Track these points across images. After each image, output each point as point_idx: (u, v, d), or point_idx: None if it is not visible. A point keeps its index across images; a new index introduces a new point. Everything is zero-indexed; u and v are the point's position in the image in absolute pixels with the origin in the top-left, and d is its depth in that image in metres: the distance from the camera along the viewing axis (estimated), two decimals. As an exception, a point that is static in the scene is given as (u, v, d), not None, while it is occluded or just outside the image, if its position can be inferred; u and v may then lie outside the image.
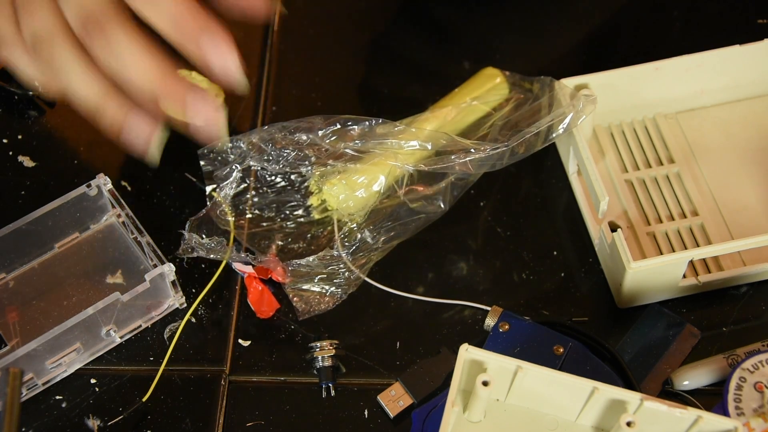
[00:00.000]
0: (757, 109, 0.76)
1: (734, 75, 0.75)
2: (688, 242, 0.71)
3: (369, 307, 0.71)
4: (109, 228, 0.73)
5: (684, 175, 0.74)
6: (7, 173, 0.76)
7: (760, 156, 0.74)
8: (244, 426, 0.66)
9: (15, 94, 0.78)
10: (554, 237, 0.73)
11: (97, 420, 0.66)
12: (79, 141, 0.78)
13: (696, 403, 0.66)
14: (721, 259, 0.70)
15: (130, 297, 0.66)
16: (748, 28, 0.81)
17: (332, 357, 0.67)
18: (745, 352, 0.67)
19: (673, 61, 0.73)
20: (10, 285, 0.70)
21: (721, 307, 0.70)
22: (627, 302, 0.69)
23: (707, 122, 0.76)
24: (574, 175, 0.75)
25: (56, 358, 0.66)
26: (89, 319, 0.65)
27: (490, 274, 0.72)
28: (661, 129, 0.76)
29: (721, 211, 0.72)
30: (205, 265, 0.72)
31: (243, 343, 0.69)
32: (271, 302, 0.70)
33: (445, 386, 0.66)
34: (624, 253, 0.66)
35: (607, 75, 0.72)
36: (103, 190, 0.71)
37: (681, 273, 0.67)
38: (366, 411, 0.67)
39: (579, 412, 0.59)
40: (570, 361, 0.64)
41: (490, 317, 0.67)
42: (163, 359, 0.68)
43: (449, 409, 0.56)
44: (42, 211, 0.69)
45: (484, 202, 0.74)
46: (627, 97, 0.74)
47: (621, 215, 0.72)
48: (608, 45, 0.81)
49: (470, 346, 0.58)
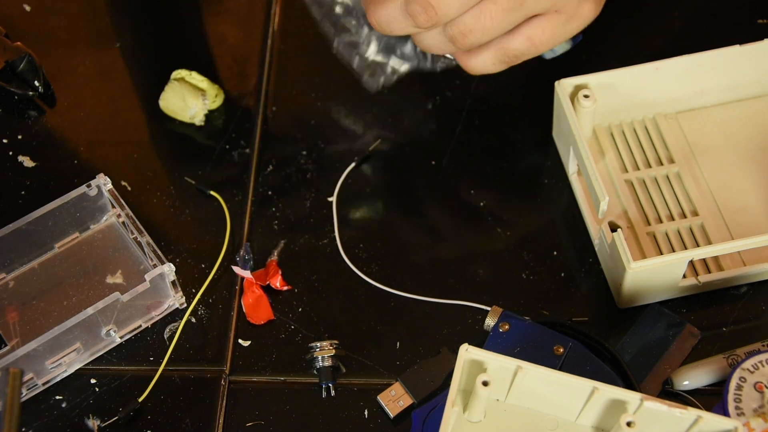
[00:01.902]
0: (758, 109, 0.76)
1: (734, 75, 0.75)
2: (688, 242, 0.71)
3: (369, 307, 0.71)
4: (109, 228, 0.73)
5: (684, 175, 0.74)
6: (7, 173, 0.76)
7: (760, 156, 0.74)
8: (244, 426, 0.66)
9: (15, 94, 0.78)
10: (554, 237, 0.73)
11: (97, 420, 0.66)
12: (79, 141, 0.78)
13: (696, 403, 0.66)
14: (721, 259, 0.70)
15: (130, 297, 0.66)
16: (748, 28, 0.81)
17: (332, 357, 0.67)
18: (745, 352, 0.67)
19: (673, 61, 0.73)
20: (10, 285, 0.70)
21: (721, 307, 0.70)
22: (627, 302, 0.69)
23: (707, 122, 0.76)
24: (574, 175, 0.75)
25: (56, 358, 0.66)
26: (89, 319, 0.65)
27: (490, 274, 0.72)
28: (661, 129, 0.76)
29: (721, 211, 0.72)
30: (205, 265, 0.72)
31: (243, 343, 0.69)
32: (266, 311, 0.70)
33: (445, 386, 0.66)
34: (624, 253, 0.66)
35: (607, 75, 0.72)
36: (103, 190, 0.71)
37: (681, 273, 0.67)
38: (366, 411, 0.67)
39: (579, 412, 0.59)
40: (570, 361, 0.64)
41: (490, 317, 0.67)
42: (163, 359, 0.68)
43: (449, 409, 0.56)
44: (42, 211, 0.69)
45: (484, 202, 0.74)
46: (627, 97, 0.74)
47: (621, 215, 0.72)
48: (608, 45, 0.81)
49: (470, 346, 0.58)
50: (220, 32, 0.83)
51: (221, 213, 0.74)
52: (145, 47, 0.83)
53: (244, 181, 0.75)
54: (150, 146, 0.78)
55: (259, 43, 0.82)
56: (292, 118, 0.79)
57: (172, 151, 0.77)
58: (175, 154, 0.77)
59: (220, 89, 0.78)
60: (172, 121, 0.78)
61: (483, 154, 0.77)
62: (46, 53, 0.80)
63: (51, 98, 0.79)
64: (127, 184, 0.75)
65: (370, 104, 0.79)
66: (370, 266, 0.72)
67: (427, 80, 0.80)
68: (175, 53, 0.82)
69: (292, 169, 0.76)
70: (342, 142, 0.77)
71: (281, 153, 0.77)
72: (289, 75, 0.80)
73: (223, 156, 0.76)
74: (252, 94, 0.79)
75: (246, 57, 0.81)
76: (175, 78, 0.77)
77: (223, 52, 0.81)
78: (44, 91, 0.78)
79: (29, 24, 0.83)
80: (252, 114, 0.78)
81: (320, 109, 0.79)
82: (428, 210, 0.74)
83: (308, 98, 0.79)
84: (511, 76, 0.78)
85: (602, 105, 0.73)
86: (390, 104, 0.79)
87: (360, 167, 0.76)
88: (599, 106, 0.72)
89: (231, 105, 0.79)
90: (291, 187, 0.75)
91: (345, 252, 0.73)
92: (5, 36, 0.79)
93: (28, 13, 0.83)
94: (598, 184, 0.68)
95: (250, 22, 0.83)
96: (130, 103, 0.79)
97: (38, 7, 0.84)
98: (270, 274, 0.71)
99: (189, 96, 0.76)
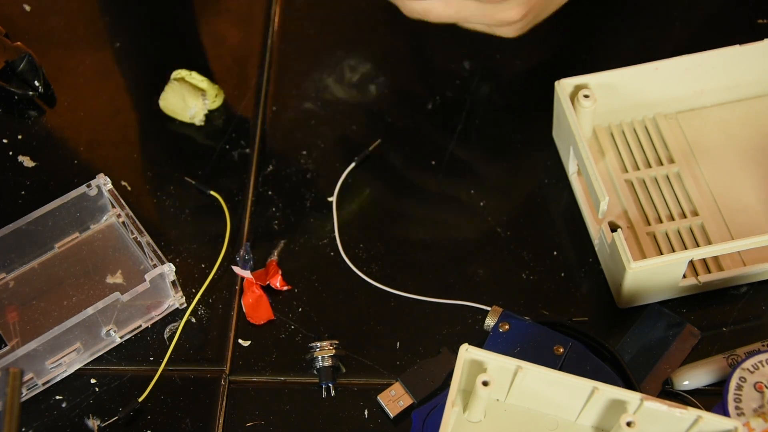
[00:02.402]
0: (758, 109, 0.76)
1: (734, 75, 0.75)
2: (688, 242, 0.71)
3: (369, 307, 0.71)
4: (109, 228, 0.73)
5: (684, 175, 0.74)
6: (7, 173, 0.76)
7: (760, 156, 0.74)
8: (244, 426, 0.66)
9: (15, 94, 0.78)
10: (554, 237, 0.73)
11: (97, 420, 0.66)
12: (79, 141, 0.78)
13: (696, 403, 0.66)
14: (721, 259, 0.70)
15: (130, 297, 0.66)
16: (748, 28, 0.81)
17: (332, 357, 0.67)
18: (745, 352, 0.67)
19: (673, 61, 0.73)
20: (10, 285, 0.70)
21: (721, 307, 0.70)
22: (627, 302, 0.69)
23: (707, 122, 0.76)
24: (574, 175, 0.75)
25: (56, 358, 0.66)
26: (89, 319, 0.65)
27: (490, 274, 0.72)
28: (661, 129, 0.76)
29: (721, 211, 0.72)
30: (205, 265, 0.72)
31: (243, 343, 0.69)
32: (266, 311, 0.70)
33: (445, 386, 0.66)
34: (624, 253, 0.66)
35: (607, 75, 0.72)
36: (103, 190, 0.71)
37: (681, 273, 0.67)
38: (366, 411, 0.67)
39: (579, 412, 0.59)
40: (570, 361, 0.64)
41: (490, 317, 0.67)
42: (163, 359, 0.68)
43: (449, 409, 0.56)
44: (42, 211, 0.69)
45: (484, 202, 0.74)
46: (627, 97, 0.74)
47: (621, 215, 0.72)
48: (608, 45, 0.81)
49: (470, 346, 0.58)
50: (220, 32, 0.83)
51: (221, 213, 0.74)
52: (145, 47, 0.83)
53: (244, 181, 0.75)
54: (150, 146, 0.78)
55: (259, 43, 0.82)
56: (292, 118, 0.79)
57: (172, 151, 0.77)
58: (175, 154, 0.77)
59: (220, 89, 0.78)
60: (172, 121, 0.78)
61: (483, 154, 0.77)
62: (46, 53, 0.80)
63: (51, 98, 0.79)
64: (127, 184, 0.75)
65: (371, 104, 0.79)
66: (370, 266, 0.72)
67: (427, 80, 0.80)
68: (175, 53, 0.82)
69: (292, 169, 0.76)
70: (342, 142, 0.77)
71: (281, 153, 0.77)
72: (289, 75, 0.80)
73: (223, 156, 0.76)
74: (252, 94, 0.79)
75: (246, 57, 0.81)
76: (175, 78, 0.77)
77: (223, 52, 0.81)
78: (44, 91, 0.78)
79: (29, 24, 0.83)
80: (252, 114, 0.78)
81: (320, 109, 0.79)
82: (428, 210, 0.74)
83: (308, 98, 0.79)
84: (511, 76, 0.78)
85: (602, 105, 0.73)
86: (390, 104, 0.79)
87: (360, 167, 0.76)
88: (599, 106, 0.72)
89: (231, 105, 0.79)
90: (291, 187, 0.75)
91: (345, 252, 0.73)
92: (5, 36, 0.79)
93: (28, 13, 0.83)
94: (598, 184, 0.68)
95: (250, 22, 0.83)
96: (130, 103, 0.79)
97: (38, 7, 0.84)
98: (270, 274, 0.71)
99: (189, 96, 0.76)
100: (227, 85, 0.79)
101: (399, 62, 0.81)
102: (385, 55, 0.81)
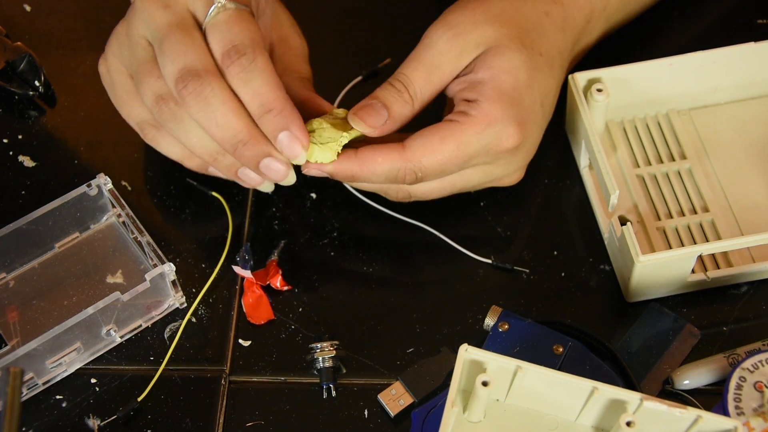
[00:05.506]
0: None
1: (748, 72, 0.75)
2: (697, 238, 0.71)
3: (369, 307, 0.71)
4: (109, 228, 0.73)
5: (695, 171, 0.74)
6: (7, 173, 0.76)
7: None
8: (244, 426, 0.66)
9: (15, 94, 0.78)
10: (555, 236, 0.73)
11: (97, 419, 0.66)
12: (79, 141, 0.78)
13: (696, 402, 0.66)
14: (730, 255, 0.70)
15: (130, 297, 0.66)
16: (748, 28, 0.81)
17: (333, 358, 0.67)
18: (746, 351, 0.67)
19: (687, 57, 0.73)
20: (11, 285, 0.70)
21: (722, 306, 0.70)
22: (635, 296, 0.69)
23: (720, 119, 0.76)
24: (586, 169, 0.74)
25: (56, 358, 0.66)
26: (89, 319, 0.65)
27: (490, 274, 0.72)
28: (674, 125, 0.75)
29: (731, 207, 0.72)
30: (205, 265, 0.72)
31: (243, 343, 0.70)
32: (266, 311, 0.70)
33: (445, 385, 0.66)
34: (633, 246, 0.66)
35: (620, 69, 0.72)
36: (103, 189, 0.71)
37: (689, 268, 0.67)
38: (366, 411, 0.67)
39: (579, 412, 0.59)
40: (570, 360, 0.64)
41: (490, 317, 0.67)
42: (164, 359, 0.68)
43: (449, 409, 0.56)
44: (42, 211, 0.69)
45: (484, 202, 0.74)
46: (640, 92, 0.74)
47: (631, 209, 0.72)
48: (614, 43, 0.81)
49: (470, 346, 0.58)
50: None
51: (222, 213, 0.74)
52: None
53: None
54: (150, 146, 0.77)
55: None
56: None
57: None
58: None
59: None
60: (172, 121, 0.78)
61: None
62: (46, 53, 0.80)
63: (51, 98, 0.79)
64: (127, 184, 0.75)
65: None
66: (370, 266, 0.72)
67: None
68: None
69: (292, 169, 0.76)
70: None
71: (281, 153, 0.77)
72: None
73: (224, 156, 0.76)
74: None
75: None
76: (175, 78, 0.77)
77: (223, 52, 0.81)
78: (44, 91, 0.78)
79: (29, 24, 0.83)
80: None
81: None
82: (428, 210, 0.74)
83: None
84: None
85: (615, 99, 0.72)
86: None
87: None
88: (612, 100, 0.72)
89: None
90: (291, 187, 0.75)
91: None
92: (5, 36, 0.79)
93: (28, 13, 0.83)
94: (609, 178, 0.68)
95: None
96: (130, 103, 0.79)
97: (38, 7, 0.84)
98: (270, 274, 0.71)
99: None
100: (227, 85, 0.79)
101: (399, 62, 0.81)
102: (385, 55, 0.81)
